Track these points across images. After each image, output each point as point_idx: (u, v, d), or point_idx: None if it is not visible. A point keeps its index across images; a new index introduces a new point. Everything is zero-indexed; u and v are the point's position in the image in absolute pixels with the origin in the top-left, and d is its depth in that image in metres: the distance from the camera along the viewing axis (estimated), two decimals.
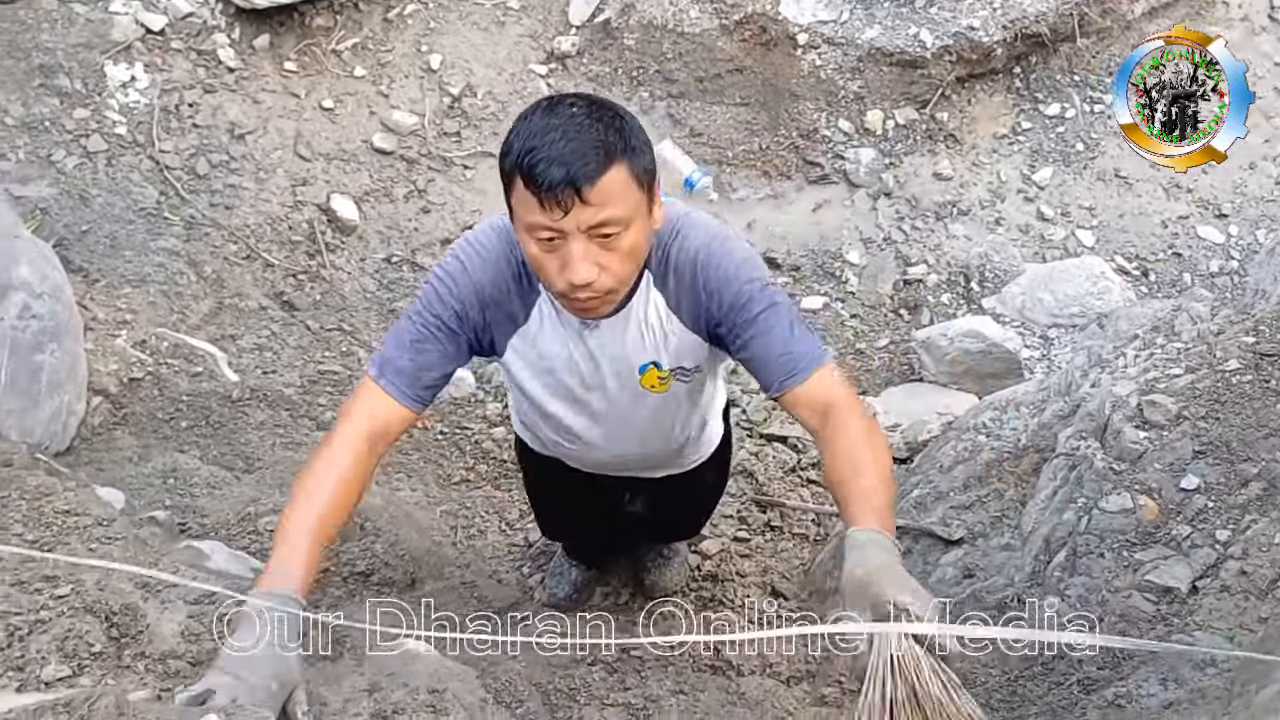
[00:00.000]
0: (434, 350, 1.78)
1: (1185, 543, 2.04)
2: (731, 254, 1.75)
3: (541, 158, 1.52)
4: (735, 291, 1.72)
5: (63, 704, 1.25)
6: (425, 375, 1.79)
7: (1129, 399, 2.33)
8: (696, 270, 1.75)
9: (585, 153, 1.53)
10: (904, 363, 4.06)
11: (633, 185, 1.59)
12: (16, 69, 3.92)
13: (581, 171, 1.52)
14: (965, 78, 4.63)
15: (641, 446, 2.13)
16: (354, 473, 1.69)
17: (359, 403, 1.77)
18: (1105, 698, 1.84)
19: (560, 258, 1.60)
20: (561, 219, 1.55)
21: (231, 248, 3.97)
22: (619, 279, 1.66)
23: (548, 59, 4.76)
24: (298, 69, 4.48)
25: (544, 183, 1.52)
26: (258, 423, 3.02)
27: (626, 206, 1.59)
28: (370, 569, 2.49)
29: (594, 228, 1.57)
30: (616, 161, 1.56)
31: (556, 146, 1.52)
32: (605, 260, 1.61)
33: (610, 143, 1.56)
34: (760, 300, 1.72)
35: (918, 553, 2.65)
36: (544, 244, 1.60)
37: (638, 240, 1.64)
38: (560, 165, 1.52)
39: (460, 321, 1.79)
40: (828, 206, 4.55)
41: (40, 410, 2.57)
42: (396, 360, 1.77)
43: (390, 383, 1.76)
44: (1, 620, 1.45)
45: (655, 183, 1.67)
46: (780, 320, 1.71)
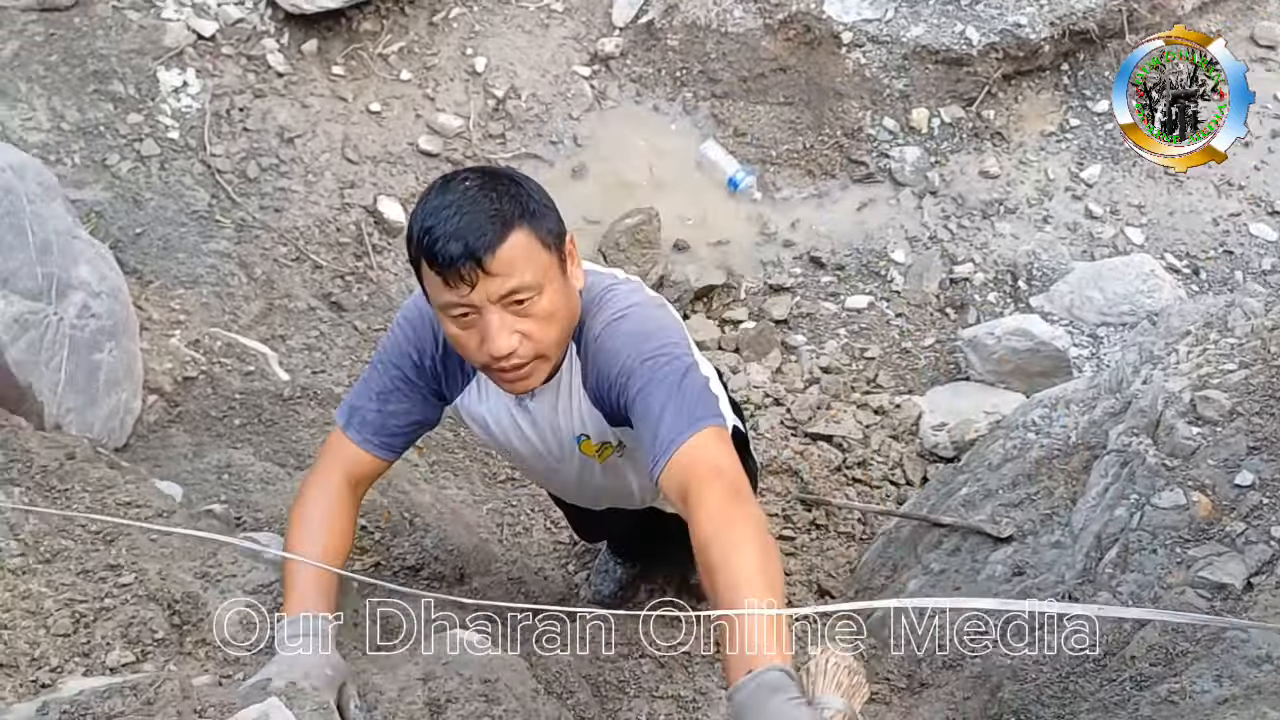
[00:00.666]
0: (398, 403, 1.79)
1: (1239, 539, 2.02)
2: (625, 328, 1.69)
3: (439, 235, 1.51)
4: (620, 366, 1.66)
5: (129, 687, 1.29)
6: (391, 423, 1.80)
7: (1182, 395, 2.31)
8: (597, 347, 1.71)
9: (481, 224, 1.52)
10: (950, 362, 4.04)
11: (537, 248, 1.57)
12: (72, 75, 3.99)
13: (479, 243, 1.51)
14: (1012, 75, 4.59)
15: (611, 500, 2.13)
16: (341, 518, 1.74)
17: (331, 451, 1.80)
18: (1159, 694, 1.82)
19: (478, 333, 1.59)
20: (469, 294, 1.54)
21: (281, 250, 4.02)
22: (542, 345, 1.63)
23: (591, 60, 4.79)
24: (345, 73, 4.54)
25: (444, 259, 1.51)
26: (308, 420, 3.05)
27: (534, 271, 1.56)
28: (420, 563, 2.52)
29: (504, 297, 1.55)
30: (515, 228, 1.54)
31: (451, 222, 1.51)
32: (524, 327, 1.59)
33: (505, 210, 1.54)
34: (639, 375, 1.63)
35: (966, 550, 2.64)
36: (460, 321, 1.58)
37: (554, 303, 1.61)
38: (457, 240, 1.51)
39: (418, 371, 1.80)
40: (873, 205, 4.53)
41: (99, 408, 2.62)
42: (364, 410, 1.79)
43: (357, 433, 1.78)
44: (68, 608, 1.49)
45: (568, 244, 1.65)
46: (654, 397, 1.61)
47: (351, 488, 1.77)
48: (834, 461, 3.63)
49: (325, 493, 1.74)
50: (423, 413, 1.84)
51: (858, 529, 3.40)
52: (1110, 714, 1.88)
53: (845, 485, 3.56)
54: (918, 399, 3.87)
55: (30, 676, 1.38)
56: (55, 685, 1.37)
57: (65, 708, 1.26)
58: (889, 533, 3.12)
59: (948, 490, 2.94)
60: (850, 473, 3.61)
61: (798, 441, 3.71)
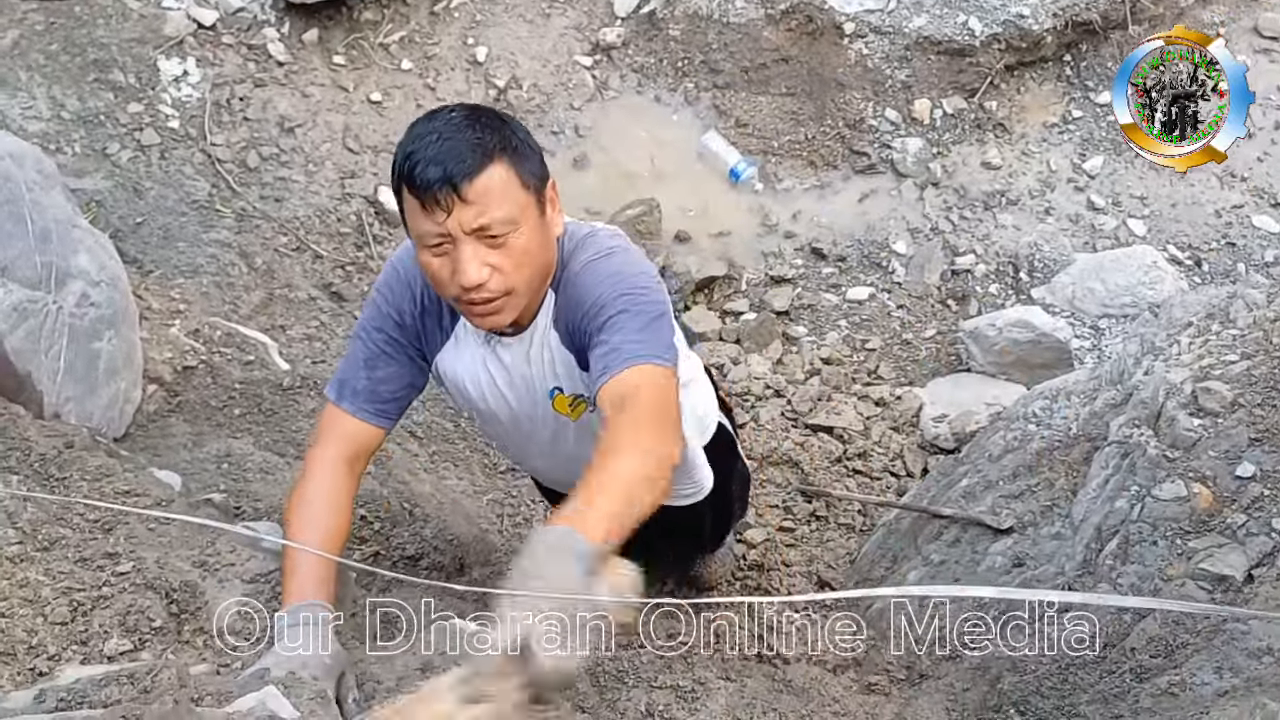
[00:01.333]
0: (385, 368, 1.80)
1: (1240, 531, 2.02)
2: (606, 267, 1.70)
3: (419, 159, 1.53)
4: (594, 299, 1.66)
5: (127, 675, 1.28)
6: (383, 389, 1.80)
7: (1183, 386, 2.30)
8: (575, 284, 1.71)
9: (461, 152, 1.53)
10: (951, 353, 4.03)
11: (516, 185, 1.57)
12: (72, 64, 3.98)
13: (458, 169, 1.52)
14: (1015, 66, 4.58)
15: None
16: (341, 498, 1.74)
17: (326, 428, 1.79)
18: (1159, 686, 1.82)
19: (450, 262, 1.59)
20: (445, 220, 1.54)
21: (281, 239, 4.02)
22: (513, 281, 1.62)
23: (593, 50, 4.77)
24: (346, 62, 4.53)
25: (422, 183, 1.53)
26: (308, 410, 3.05)
27: (510, 207, 1.56)
28: (419, 553, 2.51)
29: (478, 230, 1.56)
30: (495, 160, 1.55)
31: (433, 148, 1.53)
32: (495, 261, 1.59)
33: (487, 142, 1.55)
34: (613, 306, 1.64)
35: (966, 542, 2.64)
36: (435, 250, 1.59)
37: (529, 242, 1.61)
38: (436, 165, 1.52)
39: (401, 330, 1.80)
40: (874, 196, 4.52)
41: (98, 397, 2.61)
42: (352, 381, 1.79)
43: (350, 403, 1.78)
44: (66, 596, 1.49)
45: (549, 189, 1.65)
46: (626, 323, 1.62)
47: (350, 464, 1.77)
48: (834, 453, 3.63)
49: (325, 473, 1.74)
50: (410, 375, 1.84)
51: (858, 520, 3.39)
52: (1110, 706, 1.88)
53: (845, 476, 3.56)
54: (918, 390, 3.86)
55: (28, 665, 1.38)
56: (53, 673, 1.36)
57: (63, 695, 1.26)
58: (889, 524, 3.12)
59: (948, 482, 2.94)
60: (851, 464, 3.60)
61: (798, 433, 3.70)
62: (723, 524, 2.66)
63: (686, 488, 2.28)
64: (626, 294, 1.65)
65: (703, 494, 2.32)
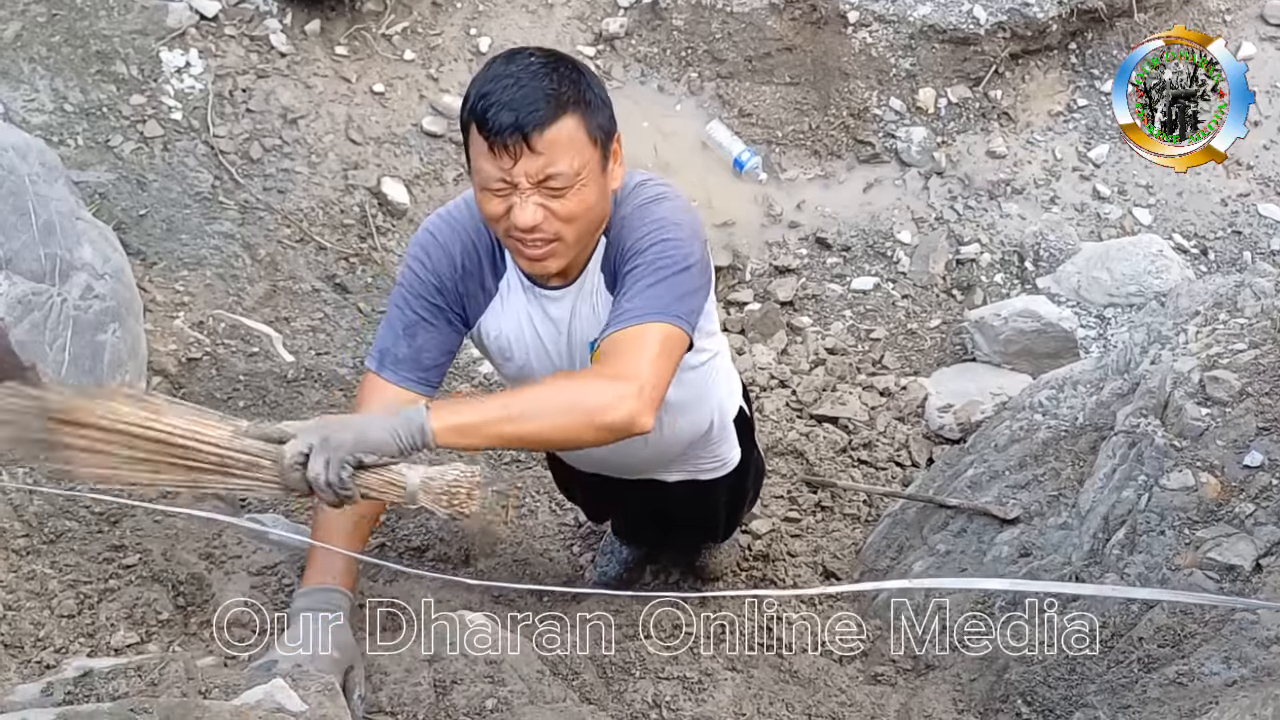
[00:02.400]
0: (425, 333, 1.79)
1: (1249, 520, 2.01)
2: (651, 213, 1.70)
3: (493, 103, 1.52)
4: (633, 243, 1.68)
5: (134, 668, 1.28)
6: (424, 357, 1.79)
7: (1191, 375, 2.29)
8: (623, 227, 1.72)
9: (535, 100, 1.52)
10: (956, 343, 4.02)
11: (583, 139, 1.57)
12: (74, 56, 3.98)
13: (530, 118, 1.51)
14: (1020, 54, 4.56)
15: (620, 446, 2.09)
16: None
17: (368, 400, 1.77)
18: (1166, 675, 1.81)
19: (507, 204, 1.59)
20: (511, 167, 1.54)
21: (285, 231, 4.01)
22: (565, 230, 1.62)
23: (596, 40, 4.75)
24: (348, 53, 4.51)
25: (493, 127, 1.52)
26: (313, 402, 3.05)
27: (576, 160, 1.56)
28: (425, 544, 2.52)
29: (543, 181, 1.56)
30: (567, 112, 1.54)
31: (509, 92, 1.52)
32: (555, 207, 1.59)
33: (563, 93, 1.54)
34: (643, 255, 1.66)
35: (972, 532, 2.63)
36: (495, 192, 1.59)
37: (588, 198, 1.61)
38: (510, 111, 1.51)
39: (440, 294, 1.79)
40: (879, 186, 4.51)
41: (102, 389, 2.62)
42: (393, 349, 1.78)
43: (393, 372, 1.77)
44: (72, 589, 1.49)
45: (614, 142, 1.65)
46: (644, 277, 1.64)
47: None
48: (839, 443, 3.62)
49: None
50: (449, 341, 1.83)
51: (863, 511, 3.39)
52: (1118, 696, 1.87)
53: (851, 467, 3.55)
54: (924, 380, 3.85)
55: (35, 657, 1.38)
56: (60, 666, 1.36)
57: (70, 688, 1.26)
58: (894, 514, 3.11)
59: (954, 472, 2.93)
60: (856, 454, 3.59)
61: (803, 423, 3.70)
62: (736, 511, 2.66)
63: (710, 462, 2.29)
64: (658, 243, 1.66)
65: (727, 469, 2.32)
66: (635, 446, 2.01)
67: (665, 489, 2.31)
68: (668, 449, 2.13)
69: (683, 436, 2.11)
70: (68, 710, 1.17)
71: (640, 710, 1.75)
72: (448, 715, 1.50)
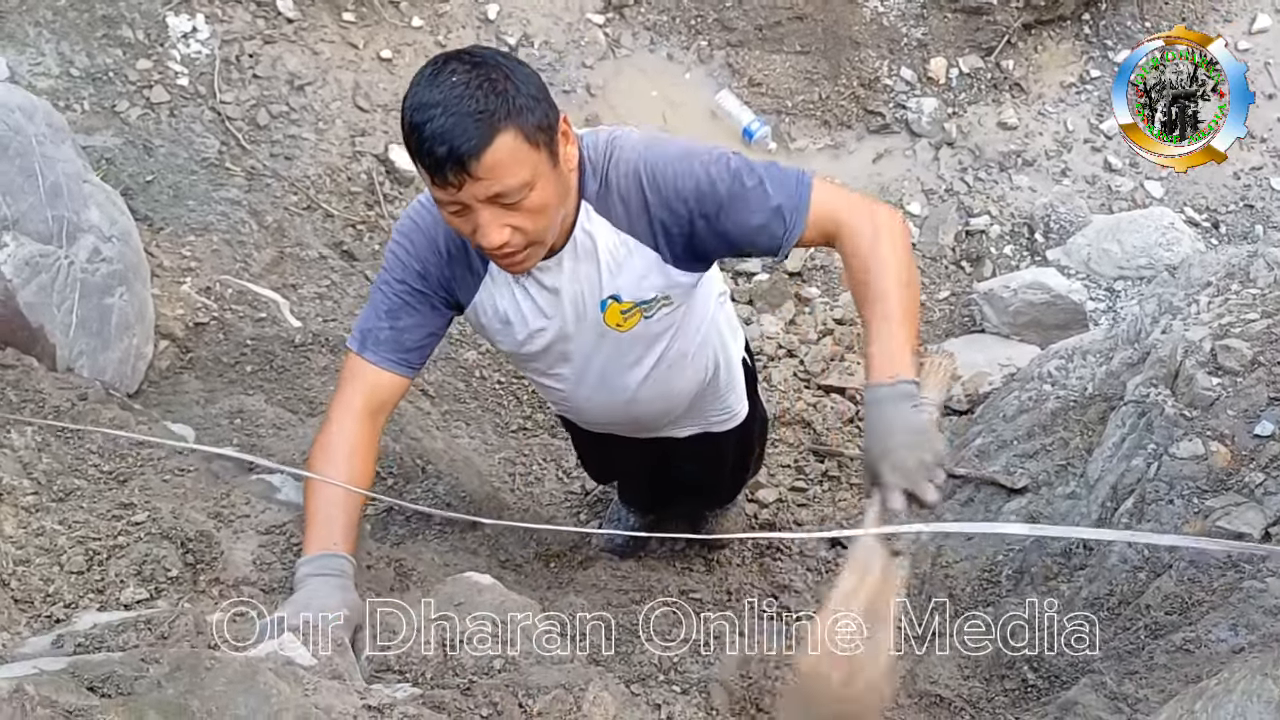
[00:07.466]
0: (408, 318, 1.78)
1: (1258, 489, 2.00)
2: (669, 151, 1.70)
3: (426, 136, 1.48)
4: (695, 182, 1.67)
5: (143, 621, 1.28)
6: (407, 339, 1.79)
7: (1202, 344, 2.28)
8: (643, 183, 1.70)
9: (466, 129, 1.47)
10: (965, 314, 4.01)
11: (524, 150, 1.52)
12: (81, 20, 3.95)
13: (465, 147, 1.47)
14: (1032, 24, 4.52)
15: (631, 403, 2.07)
16: (364, 447, 1.74)
17: (349, 379, 1.78)
18: (1173, 642, 1.81)
19: (470, 223, 1.57)
20: (457, 193, 1.52)
21: (292, 198, 4.00)
22: (534, 234, 1.61)
23: (605, 8, 4.72)
24: (356, 19, 4.48)
25: (429, 163, 1.49)
26: (320, 368, 3.04)
27: (521, 171, 1.53)
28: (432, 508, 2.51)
29: (492, 198, 1.53)
30: (501, 130, 1.49)
31: (438, 122, 1.47)
32: (514, 221, 1.57)
33: (493, 111, 1.49)
34: (721, 179, 1.67)
35: (980, 501, 2.63)
36: (452, 212, 1.58)
37: (545, 197, 1.59)
38: (442, 143, 1.47)
39: (424, 280, 1.78)
40: (889, 157, 4.49)
41: (110, 351, 2.61)
42: (375, 331, 1.78)
43: (374, 353, 1.77)
44: (81, 545, 1.48)
45: (559, 127, 1.61)
46: (747, 183, 1.67)
47: (373, 415, 1.76)
48: (846, 413, 3.62)
49: (348, 422, 1.74)
50: (433, 324, 1.83)
51: None
52: (1124, 662, 1.87)
53: (857, 437, 3.55)
54: (933, 351, 3.85)
55: (45, 612, 1.38)
56: (69, 620, 1.36)
57: (80, 640, 1.26)
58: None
59: (962, 442, 2.93)
60: (863, 424, 3.59)
61: (810, 393, 3.69)
62: (742, 468, 2.67)
63: (720, 414, 2.31)
64: (711, 163, 1.68)
65: (736, 420, 2.34)
66: (648, 401, 2.04)
67: (676, 445, 2.32)
68: (678, 400, 2.14)
69: (691, 384, 2.13)
70: (79, 660, 1.17)
71: (648, 672, 1.75)
72: (455, 674, 1.50)
